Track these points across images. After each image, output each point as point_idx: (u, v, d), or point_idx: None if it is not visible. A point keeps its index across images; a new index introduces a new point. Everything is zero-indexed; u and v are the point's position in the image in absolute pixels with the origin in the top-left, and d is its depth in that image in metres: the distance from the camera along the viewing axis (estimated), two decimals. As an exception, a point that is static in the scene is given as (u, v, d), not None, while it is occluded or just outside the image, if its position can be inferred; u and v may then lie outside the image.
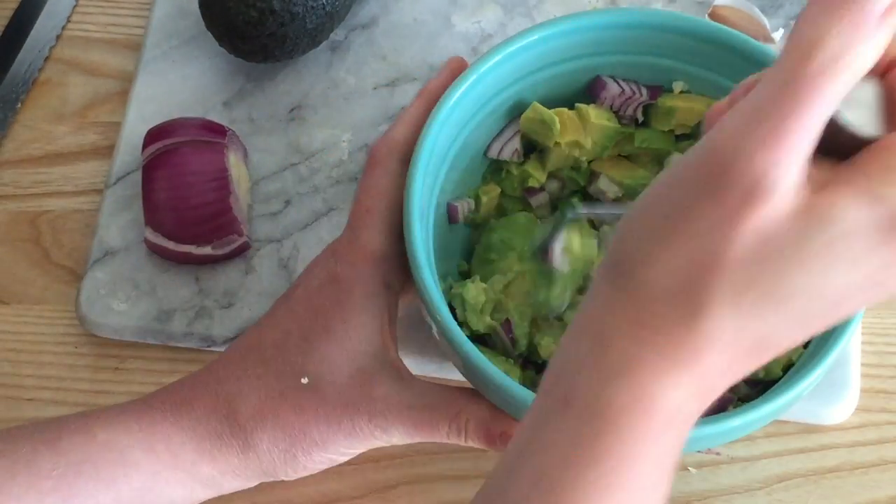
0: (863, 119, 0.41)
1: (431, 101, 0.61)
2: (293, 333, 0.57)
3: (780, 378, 0.58)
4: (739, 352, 0.40)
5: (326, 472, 0.64)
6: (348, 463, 0.64)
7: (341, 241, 0.60)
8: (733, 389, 0.57)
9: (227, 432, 0.56)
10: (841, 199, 0.39)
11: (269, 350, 0.57)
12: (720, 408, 0.57)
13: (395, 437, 0.56)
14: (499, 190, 0.66)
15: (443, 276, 0.62)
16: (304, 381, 0.56)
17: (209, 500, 0.64)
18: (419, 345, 0.65)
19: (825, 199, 0.39)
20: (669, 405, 0.40)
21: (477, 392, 0.56)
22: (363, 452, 0.62)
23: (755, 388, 0.59)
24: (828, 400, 0.64)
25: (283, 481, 0.64)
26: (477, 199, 0.66)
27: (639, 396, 0.40)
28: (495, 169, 0.67)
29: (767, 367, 0.59)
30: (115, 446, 0.54)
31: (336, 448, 0.56)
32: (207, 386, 0.57)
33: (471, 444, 0.56)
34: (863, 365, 0.66)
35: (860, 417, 0.65)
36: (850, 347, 0.65)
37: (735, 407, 0.58)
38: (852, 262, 0.39)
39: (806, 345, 0.58)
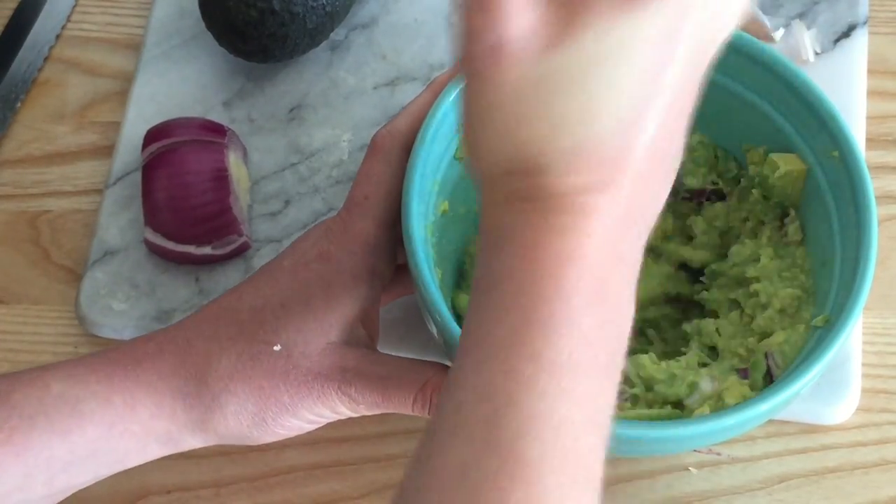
0: None
1: (439, 93, 0.61)
2: (272, 300, 0.57)
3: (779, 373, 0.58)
4: (595, 171, 0.42)
5: (327, 472, 0.64)
6: (348, 463, 0.64)
7: (336, 222, 0.60)
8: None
9: (193, 392, 0.55)
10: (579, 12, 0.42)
11: (245, 313, 0.57)
12: None
13: (363, 407, 0.56)
14: None
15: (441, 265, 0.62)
16: (276, 348, 0.56)
17: (209, 497, 0.64)
18: (419, 345, 0.65)
19: (569, 21, 0.42)
20: (567, 249, 0.43)
21: (446, 366, 0.56)
22: (363, 453, 0.61)
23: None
24: (828, 400, 0.64)
25: (282, 482, 0.64)
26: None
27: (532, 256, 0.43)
28: None
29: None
30: (69, 398, 0.54)
31: (304, 414, 0.56)
32: (175, 343, 0.56)
33: None
34: (863, 365, 0.65)
35: (861, 417, 0.65)
36: (851, 347, 0.65)
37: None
38: (622, 49, 0.41)
39: (806, 343, 0.58)
